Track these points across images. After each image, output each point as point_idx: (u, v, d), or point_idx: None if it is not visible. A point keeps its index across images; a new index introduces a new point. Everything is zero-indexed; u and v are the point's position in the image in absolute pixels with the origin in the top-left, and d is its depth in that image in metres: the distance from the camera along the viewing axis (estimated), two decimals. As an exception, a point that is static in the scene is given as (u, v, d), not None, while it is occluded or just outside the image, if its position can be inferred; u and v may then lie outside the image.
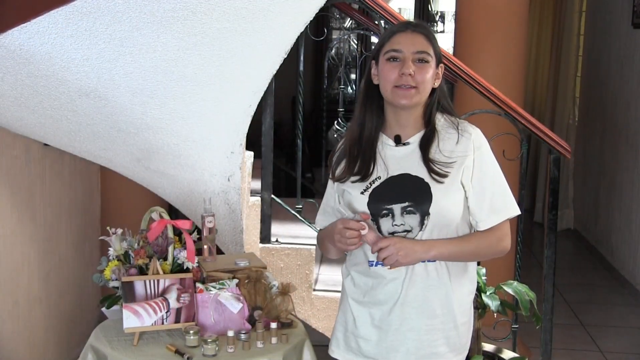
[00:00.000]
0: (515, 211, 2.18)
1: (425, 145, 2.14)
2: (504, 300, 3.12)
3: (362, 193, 2.14)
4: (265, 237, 3.55)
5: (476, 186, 2.13)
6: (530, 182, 7.48)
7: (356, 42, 7.89)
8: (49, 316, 3.66)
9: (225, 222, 3.12)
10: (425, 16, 8.14)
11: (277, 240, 3.58)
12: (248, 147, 3.42)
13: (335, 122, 4.34)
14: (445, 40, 8.05)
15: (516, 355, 3.32)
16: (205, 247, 2.67)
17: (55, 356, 3.72)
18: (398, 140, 2.16)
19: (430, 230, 2.11)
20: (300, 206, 3.66)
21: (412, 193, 2.10)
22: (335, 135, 4.40)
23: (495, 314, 3.07)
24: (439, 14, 8.39)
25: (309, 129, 7.60)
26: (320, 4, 2.75)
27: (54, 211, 3.70)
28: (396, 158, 2.16)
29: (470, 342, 2.28)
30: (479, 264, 2.68)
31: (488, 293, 3.07)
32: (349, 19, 7.81)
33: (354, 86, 7.89)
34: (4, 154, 3.18)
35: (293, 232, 3.70)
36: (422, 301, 2.13)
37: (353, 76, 8.06)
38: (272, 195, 3.56)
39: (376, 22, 3.66)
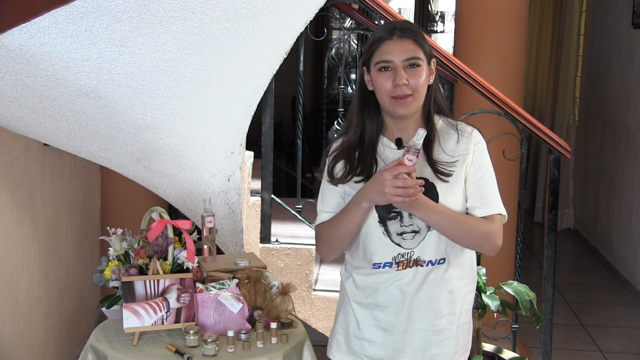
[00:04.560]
0: (504, 212, 2.16)
1: (427, 146, 2.13)
2: (504, 300, 3.12)
3: None
4: (265, 237, 3.55)
5: (471, 176, 2.12)
6: (530, 182, 7.48)
7: (356, 42, 7.89)
8: (49, 316, 3.66)
9: (225, 222, 3.12)
10: (425, 16, 8.15)
11: (277, 240, 3.58)
12: (248, 147, 3.41)
13: (335, 122, 4.33)
14: (445, 40, 8.07)
15: (516, 355, 3.32)
16: (205, 247, 2.67)
17: (55, 356, 3.72)
18: (399, 144, 2.14)
19: None
20: (300, 206, 3.66)
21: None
22: (335, 135, 4.39)
23: (495, 314, 3.07)
24: (439, 14, 8.40)
25: (309, 129, 7.60)
26: (320, 4, 2.74)
27: (54, 211, 3.70)
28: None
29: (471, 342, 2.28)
30: (478, 263, 2.68)
31: (488, 293, 3.07)
32: (349, 19, 7.81)
33: (354, 86, 7.89)
34: (4, 154, 3.18)
35: (293, 232, 3.70)
36: (429, 302, 2.13)
37: (353, 76, 8.05)
38: (272, 195, 3.56)
39: (376, 22, 3.65)
